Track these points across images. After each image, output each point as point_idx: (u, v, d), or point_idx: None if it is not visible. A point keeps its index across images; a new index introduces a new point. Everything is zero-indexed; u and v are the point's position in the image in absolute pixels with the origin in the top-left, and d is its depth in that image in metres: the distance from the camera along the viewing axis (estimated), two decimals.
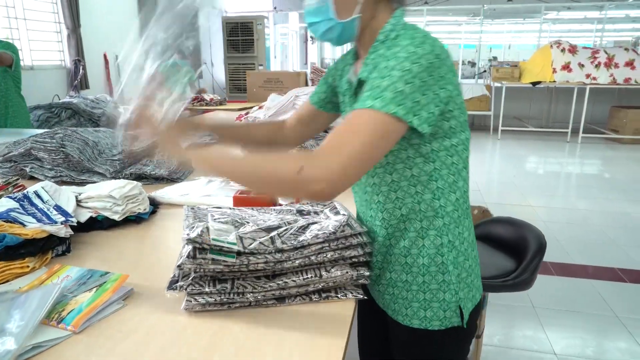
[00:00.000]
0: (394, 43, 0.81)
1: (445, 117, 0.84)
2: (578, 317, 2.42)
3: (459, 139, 0.87)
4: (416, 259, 0.91)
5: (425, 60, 0.76)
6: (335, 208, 1.01)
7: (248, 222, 0.95)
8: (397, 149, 0.86)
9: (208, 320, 0.79)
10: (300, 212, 1.04)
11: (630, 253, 3.20)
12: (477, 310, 0.98)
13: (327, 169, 0.72)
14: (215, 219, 0.93)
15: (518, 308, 2.49)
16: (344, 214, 0.94)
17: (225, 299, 0.82)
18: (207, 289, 0.82)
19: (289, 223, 0.94)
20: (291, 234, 0.90)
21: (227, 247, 0.82)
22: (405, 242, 0.92)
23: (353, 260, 0.89)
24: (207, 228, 0.86)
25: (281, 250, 0.85)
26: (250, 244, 0.85)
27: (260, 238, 0.87)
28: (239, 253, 0.83)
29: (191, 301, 0.82)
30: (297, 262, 0.85)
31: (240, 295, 0.82)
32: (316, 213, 1.03)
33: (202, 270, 0.82)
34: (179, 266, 0.82)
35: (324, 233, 0.87)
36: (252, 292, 0.83)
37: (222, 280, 0.84)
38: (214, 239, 0.82)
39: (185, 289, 0.82)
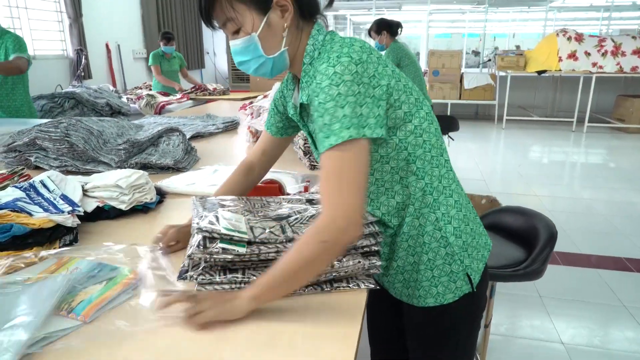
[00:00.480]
0: (316, 68, 0.84)
1: (395, 106, 0.85)
2: (585, 306, 2.41)
3: (419, 118, 0.88)
4: (417, 239, 0.93)
5: (347, 74, 0.78)
6: None
7: (258, 212, 0.93)
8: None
9: None
10: (310, 202, 1.03)
11: (637, 242, 3.18)
12: (486, 270, 1.00)
13: (339, 225, 0.76)
14: (225, 208, 0.92)
15: (525, 298, 2.48)
16: None
17: (236, 288, 0.81)
18: (217, 279, 0.81)
19: (299, 212, 0.93)
20: (301, 223, 0.89)
21: (238, 237, 0.81)
22: (405, 227, 0.93)
23: (365, 249, 0.88)
24: (217, 217, 0.85)
25: (292, 240, 0.83)
26: (261, 234, 0.83)
27: (270, 227, 0.86)
28: (249, 242, 0.82)
29: (201, 290, 0.81)
30: None
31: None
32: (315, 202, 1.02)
33: (212, 260, 0.80)
34: (189, 256, 0.80)
35: None
36: None
37: (233, 269, 0.83)
38: (225, 228, 0.81)
39: (196, 279, 0.81)
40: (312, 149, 1.02)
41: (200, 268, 0.82)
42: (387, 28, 3.77)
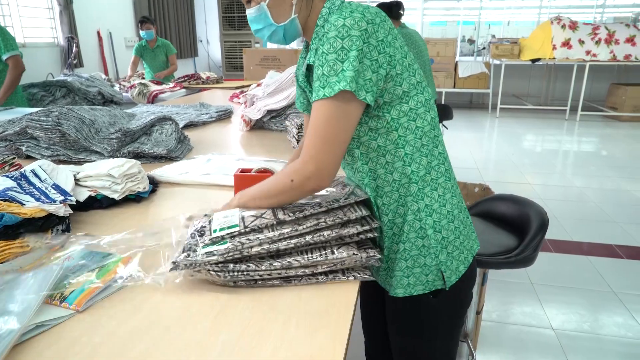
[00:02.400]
0: (329, 23, 0.83)
1: (396, 81, 0.85)
2: (575, 292, 2.44)
3: (417, 102, 0.88)
4: (401, 227, 0.92)
5: (356, 30, 0.79)
6: (343, 183, 1.00)
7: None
8: (359, 122, 0.88)
9: (212, 299, 0.79)
10: None
11: (627, 229, 3.22)
12: (471, 274, 0.98)
13: (308, 171, 0.83)
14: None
15: (516, 284, 2.51)
16: (349, 186, 0.94)
17: (229, 276, 0.81)
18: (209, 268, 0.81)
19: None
20: (294, 205, 0.89)
21: (227, 234, 0.82)
22: (390, 215, 0.93)
23: (360, 237, 0.86)
24: (211, 221, 0.87)
25: (283, 222, 0.83)
26: (252, 222, 0.84)
27: (263, 214, 0.86)
28: (240, 233, 0.82)
29: (194, 275, 0.81)
30: (294, 240, 0.82)
31: (245, 274, 0.81)
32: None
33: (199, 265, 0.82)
34: (173, 262, 0.82)
35: (328, 202, 0.85)
36: (255, 271, 0.82)
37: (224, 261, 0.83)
38: (215, 231, 0.83)
39: (189, 267, 0.82)
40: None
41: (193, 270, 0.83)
42: (385, 11, 3.73)
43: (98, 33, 5.38)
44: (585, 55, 7.02)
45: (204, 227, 0.88)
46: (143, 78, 4.58)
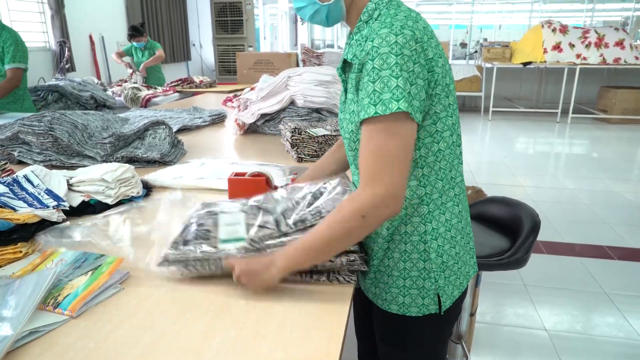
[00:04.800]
0: (374, 29, 0.81)
1: (433, 100, 0.82)
2: (568, 294, 2.46)
3: (444, 124, 0.85)
4: (398, 245, 0.91)
5: (407, 49, 0.76)
6: (345, 186, 0.99)
7: (259, 209, 0.93)
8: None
9: (207, 303, 0.79)
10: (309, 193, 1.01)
11: (618, 231, 3.25)
12: (463, 296, 0.98)
13: (381, 201, 0.77)
14: (225, 212, 0.93)
15: (509, 286, 2.53)
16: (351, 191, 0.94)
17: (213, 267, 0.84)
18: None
19: (297, 202, 0.93)
20: (296, 213, 0.89)
21: (233, 247, 0.83)
22: (390, 230, 0.90)
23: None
24: (216, 223, 0.88)
25: (285, 234, 0.85)
26: (256, 232, 0.85)
27: (266, 224, 0.87)
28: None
29: (183, 272, 0.84)
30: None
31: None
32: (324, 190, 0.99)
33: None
34: (164, 257, 0.83)
35: (327, 211, 0.86)
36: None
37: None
38: (221, 240, 0.84)
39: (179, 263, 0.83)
40: (341, 108, 0.97)
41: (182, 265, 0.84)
42: None
43: (90, 37, 5.36)
44: (575, 59, 7.10)
45: (209, 230, 0.87)
46: (132, 76, 4.55)
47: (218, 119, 2.53)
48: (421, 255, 0.90)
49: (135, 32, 4.67)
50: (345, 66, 0.91)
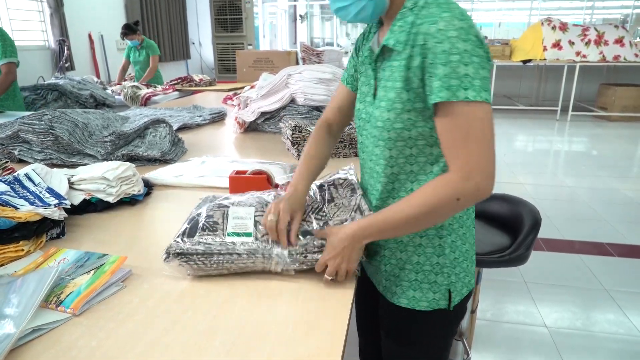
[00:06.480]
0: (429, 12, 0.79)
1: None
2: (568, 291, 2.47)
3: None
4: (412, 238, 0.91)
5: (473, 34, 0.76)
6: (352, 185, 0.99)
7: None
8: (401, 127, 0.83)
9: (209, 302, 0.79)
10: (320, 188, 1.01)
11: (618, 228, 3.25)
12: (470, 294, 0.99)
13: (475, 182, 0.77)
14: (236, 204, 0.93)
15: (510, 283, 2.53)
16: (359, 193, 0.95)
17: (215, 264, 0.85)
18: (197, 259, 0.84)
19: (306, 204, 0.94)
20: (304, 220, 0.90)
21: (240, 241, 0.84)
22: None
23: None
24: (226, 215, 0.88)
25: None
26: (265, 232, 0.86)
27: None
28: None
29: (183, 265, 0.84)
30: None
31: (230, 262, 0.85)
32: (334, 187, 1.00)
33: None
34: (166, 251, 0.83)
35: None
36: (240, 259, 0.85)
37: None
38: (229, 234, 0.84)
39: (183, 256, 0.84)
40: (360, 99, 0.95)
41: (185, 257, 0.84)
42: None
43: (89, 36, 5.35)
44: (575, 56, 7.09)
45: (217, 222, 0.87)
46: (133, 79, 4.55)
47: (218, 117, 2.53)
48: (435, 250, 0.90)
49: (128, 30, 4.64)
50: (380, 54, 0.88)
